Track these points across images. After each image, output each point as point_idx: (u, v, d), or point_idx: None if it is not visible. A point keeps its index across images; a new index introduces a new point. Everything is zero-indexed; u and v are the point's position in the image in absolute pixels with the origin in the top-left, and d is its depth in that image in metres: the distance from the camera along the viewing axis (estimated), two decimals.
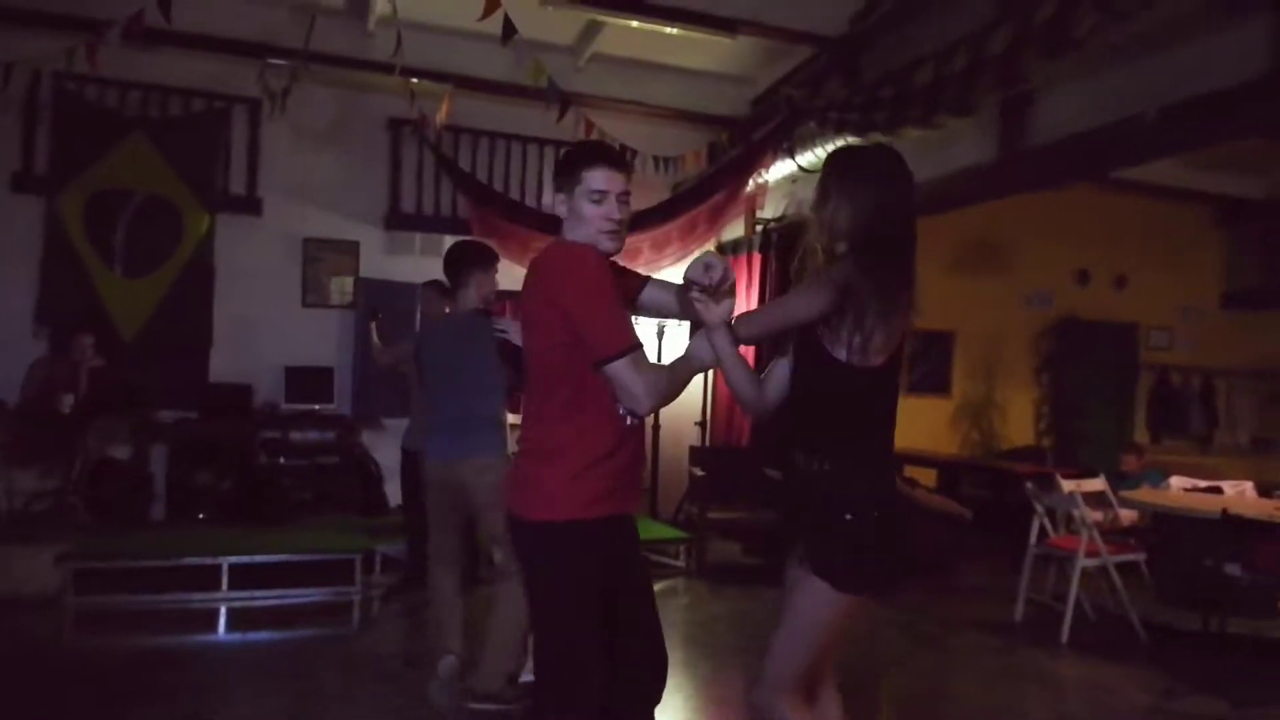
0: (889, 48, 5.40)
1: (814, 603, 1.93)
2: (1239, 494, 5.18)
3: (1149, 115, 3.72)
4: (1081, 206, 7.42)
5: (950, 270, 7.51)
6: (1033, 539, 4.83)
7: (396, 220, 6.76)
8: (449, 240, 6.72)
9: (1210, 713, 3.65)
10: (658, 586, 5.01)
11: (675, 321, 6.19)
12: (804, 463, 1.98)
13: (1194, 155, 5.68)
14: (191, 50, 6.06)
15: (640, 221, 6.04)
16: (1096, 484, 5.06)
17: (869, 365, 1.91)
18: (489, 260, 3.56)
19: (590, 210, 1.99)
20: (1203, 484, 5.41)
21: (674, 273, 6.70)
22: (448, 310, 4.29)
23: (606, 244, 2.01)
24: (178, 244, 6.15)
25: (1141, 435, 8.29)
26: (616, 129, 6.48)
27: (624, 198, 2.02)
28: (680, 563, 5.93)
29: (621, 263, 2.19)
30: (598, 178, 1.98)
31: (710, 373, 6.83)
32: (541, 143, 6.99)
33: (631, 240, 5.98)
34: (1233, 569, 4.13)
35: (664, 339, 6.79)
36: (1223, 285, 8.55)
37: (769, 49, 6.44)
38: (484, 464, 3.30)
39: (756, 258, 6.65)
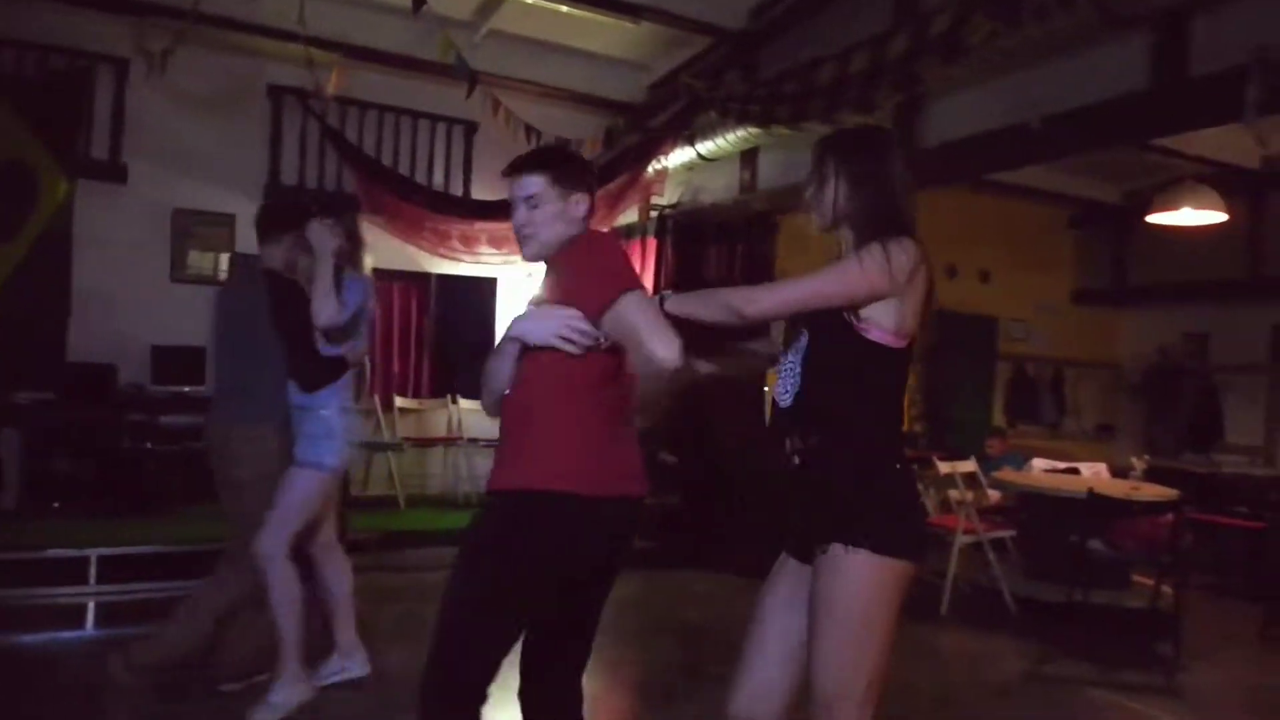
0: (787, 45, 5.53)
1: (858, 585, 1.78)
2: (1095, 475, 5.61)
3: (1033, 123, 3.96)
4: (951, 206, 7.79)
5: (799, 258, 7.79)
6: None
7: (277, 193, 6.43)
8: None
9: (1079, 676, 3.96)
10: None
11: None
12: (819, 444, 1.90)
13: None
14: (52, 3, 5.58)
15: None
16: (968, 466, 5.40)
17: (899, 346, 1.89)
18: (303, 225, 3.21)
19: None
20: (1061, 465, 5.84)
21: None
22: None
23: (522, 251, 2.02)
24: (33, 211, 5.65)
25: (1000, 421, 8.84)
26: (516, 109, 6.41)
27: (529, 201, 1.94)
28: None
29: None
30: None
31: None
32: (434, 118, 6.82)
33: None
34: (1095, 544, 4.48)
35: None
36: (1074, 283, 9.19)
37: (668, 37, 6.47)
38: (255, 433, 3.13)
39: (652, 243, 6.71)
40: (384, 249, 6.03)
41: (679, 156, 5.89)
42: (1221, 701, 3.77)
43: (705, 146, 5.63)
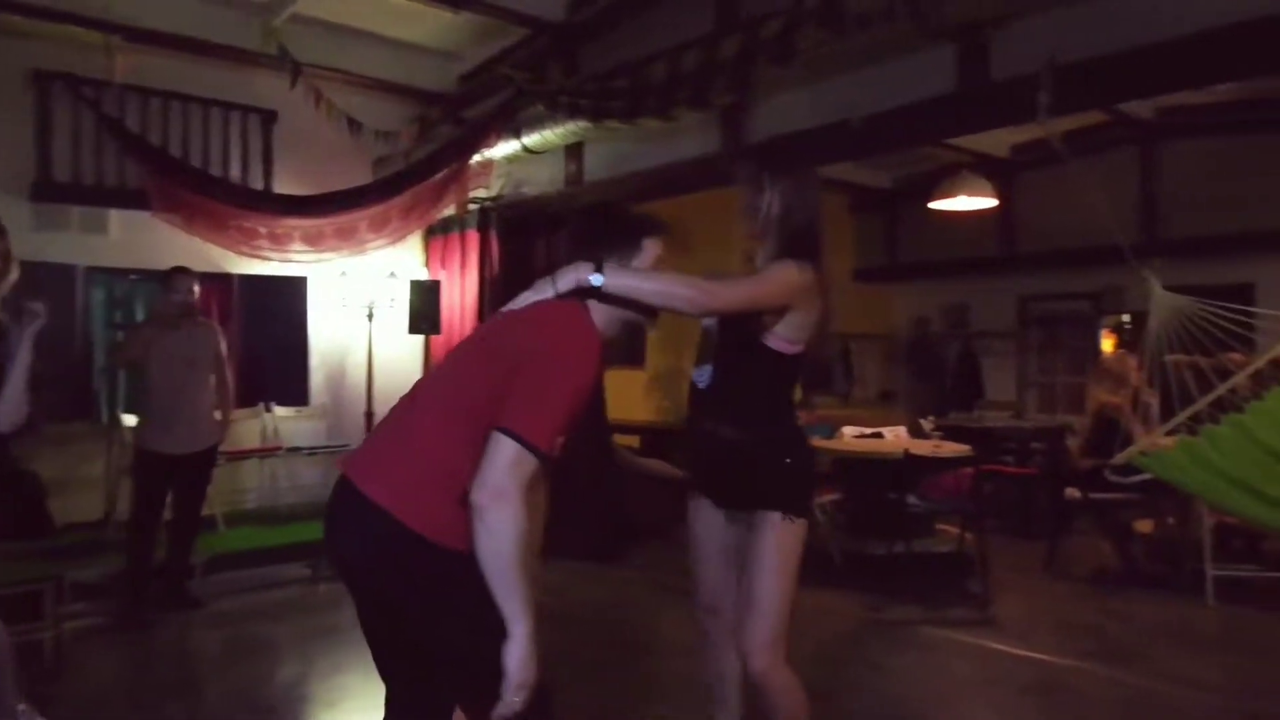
0: (608, 42, 5.64)
1: (780, 540, 2.21)
2: (898, 437, 6.21)
3: (855, 122, 4.33)
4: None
5: None
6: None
7: (48, 191, 5.73)
8: (117, 215, 5.94)
9: (911, 617, 4.43)
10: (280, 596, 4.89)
11: None
12: (739, 434, 2.27)
13: None
14: None
15: (359, 198, 5.77)
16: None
17: (795, 352, 2.24)
18: None
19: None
20: (868, 431, 6.41)
21: (390, 253, 6.48)
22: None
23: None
24: None
25: (797, 393, 9.52)
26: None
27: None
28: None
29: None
30: (655, 246, 1.94)
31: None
32: (228, 106, 6.34)
33: (348, 218, 5.73)
34: (911, 499, 4.99)
35: None
36: (854, 262, 10.03)
37: (480, 26, 6.40)
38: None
39: (473, 236, 6.63)
40: (175, 249, 5.60)
41: (502, 149, 5.85)
42: (1030, 626, 4.35)
43: (531, 139, 5.64)
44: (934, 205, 6.42)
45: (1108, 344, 8.42)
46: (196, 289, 4.58)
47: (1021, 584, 5.05)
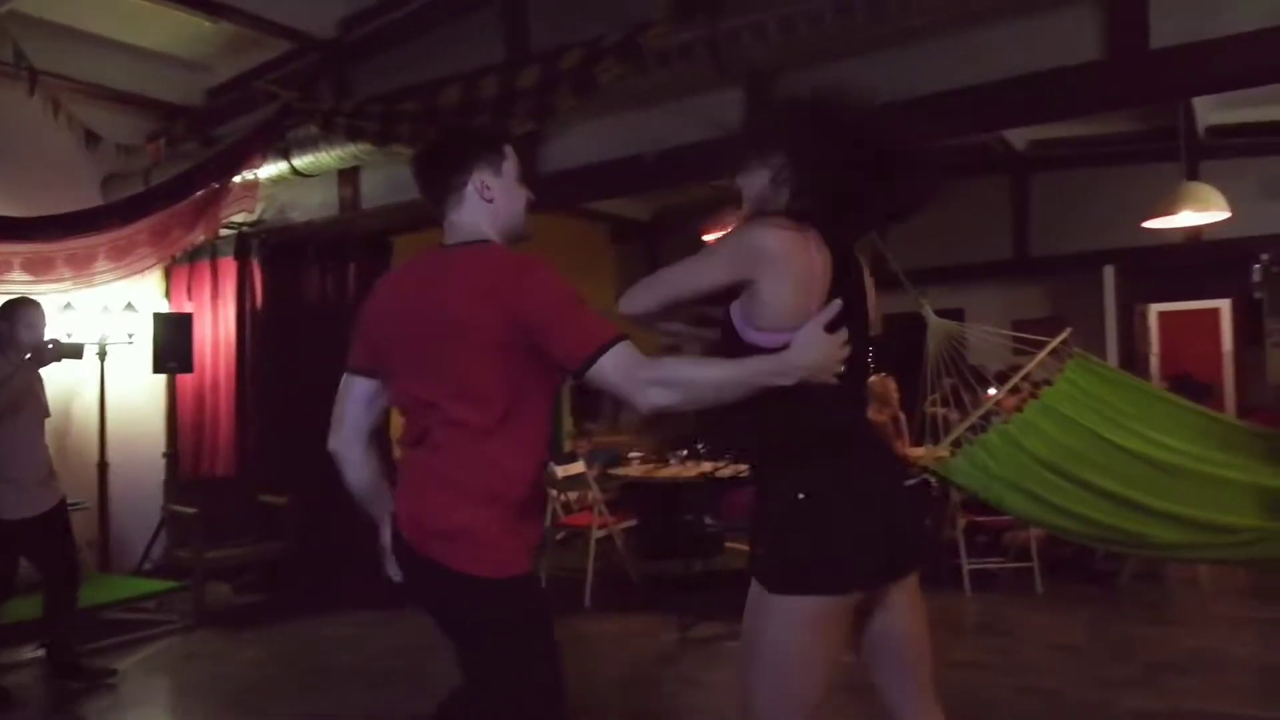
0: (385, 63, 5.41)
1: (761, 620, 1.73)
2: (683, 462, 6.43)
3: (649, 157, 4.46)
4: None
5: None
6: (548, 521, 5.38)
7: None
8: None
9: (720, 633, 4.57)
10: (149, 651, 4.40)
11: None
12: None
13: None
14: None
15: (98, 221, 5.11)
16: (578, 467, 5.85)
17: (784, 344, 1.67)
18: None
19: (520, 192, 1.91)
20: (654, 457, 6.58)
21: (138, 283, 5.77)
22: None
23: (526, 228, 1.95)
24: None
25: (569, 423, 9.60)
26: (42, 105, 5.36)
27: None
28: (171, 618, 5.16)
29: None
30: (512, 153, 1.92)
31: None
32: None
33: (83, 244, 5.06)
34: (709, 520, 5.18)
35: None
36: (618, 291, 10.29)
37: (232, 37, 5.88)
38: None
39: (229, 264, 6.07)
40: None
41: (267, 170, 5.41)
42: None
43: (302, 161, 5.27)
44: (707, 238, 6.74)
45: None
46: None
47: None
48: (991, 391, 3.74)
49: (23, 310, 4.04)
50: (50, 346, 3.95)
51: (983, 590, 5.08)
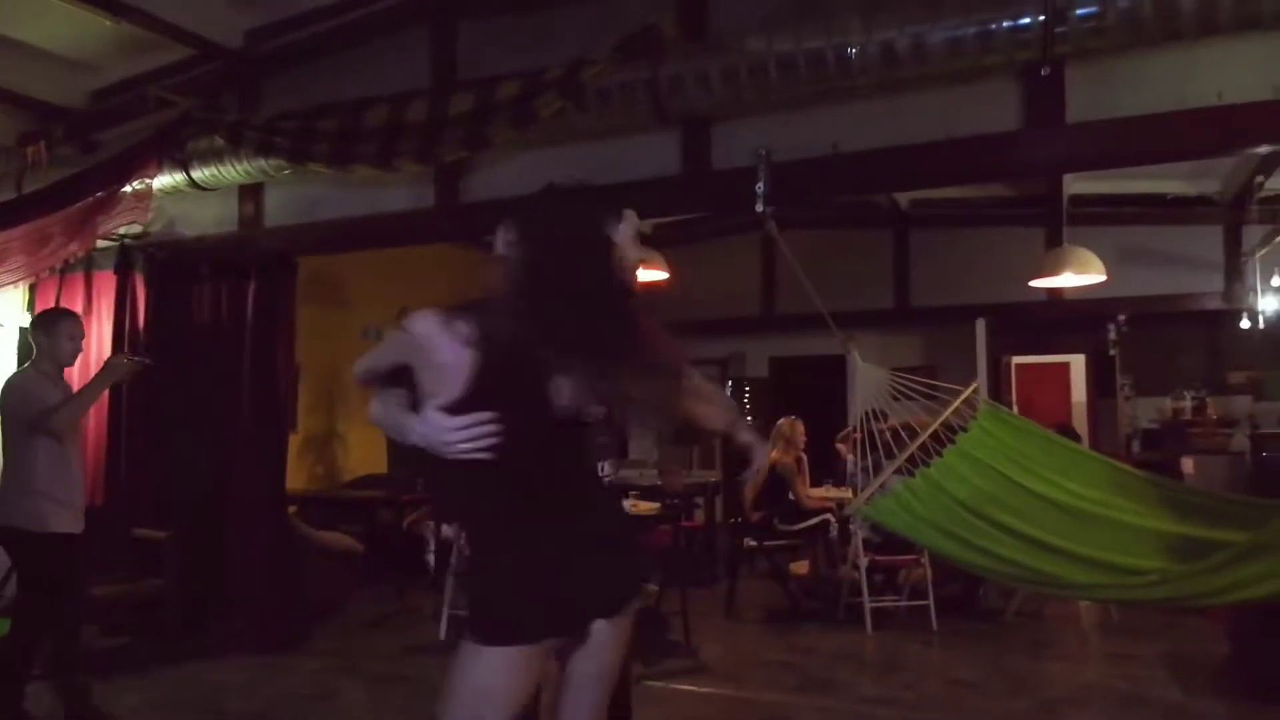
0: (298, 78, 5.21)
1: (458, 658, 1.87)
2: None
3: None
4: (411, 252, 8.09)
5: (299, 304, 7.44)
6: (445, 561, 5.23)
7: None
8: None
9: (635, 673, 4.52)
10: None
11: None
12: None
13: None
14: None
15: None
16: None
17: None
18: None
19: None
20: None
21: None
22: None
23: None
24: None
25: None
26: None
27: None
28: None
29: None
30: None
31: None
32: None
33: None
34: None
35: None
36: None
37: (123, 38, 5.51)
38: None
39: (106, 277, 5.64)
40: None
41: (159, 181, 5.08)
42: (737, 668, 4.68)
43: (203, 173, 4.97)
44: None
45: None
46: None
47: (712, 628, 5.42)
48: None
49: (65, 322, 3.96)
50: (127, 361, 4.09)
51: (882, 628, 5.24)
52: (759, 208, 4.04)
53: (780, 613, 5.76)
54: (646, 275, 6.88)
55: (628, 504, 5.84)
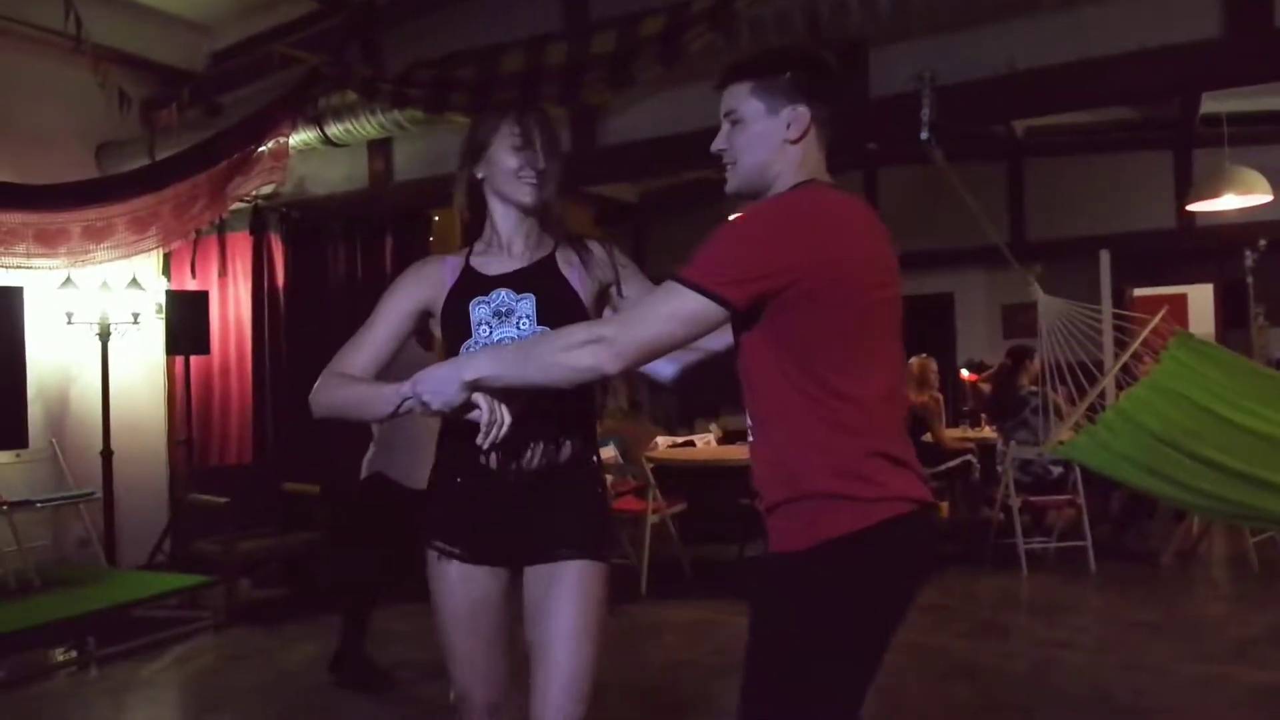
0: (419, 29, 5.12)
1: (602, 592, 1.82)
2: (708, 444, 6.34)
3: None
4: None
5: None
6: None
7: None
8: None
9: None
10: (182, 651, 4.13)
11: None
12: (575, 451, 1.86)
13: None
14: None
15: (117, 190, 4.74)
16: (609, 452, 5.70)
17: None
18: None
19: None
20: (680, 440, 6.46)
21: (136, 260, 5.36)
22: None
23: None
24: None
25: None
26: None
27: (728, 117, 1.61)
28: (200, 614, 4.83)
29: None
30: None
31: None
32: None
33: (100, 214, 4.70)
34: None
35: None
36: None
37: None
38: None
39: (243, 239, 5.73)
40: None
41: (295, 138, 5.08)
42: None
43: (336, 129, 4.96)
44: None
45: None
46: None
47: None
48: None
49: None
50: None
51: (1035, 570, 5.10)
52: (923, 135, 3.85)
53: None
54: None
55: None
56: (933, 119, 3.84)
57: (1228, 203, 5.42)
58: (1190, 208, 5.77)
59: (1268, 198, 5.42)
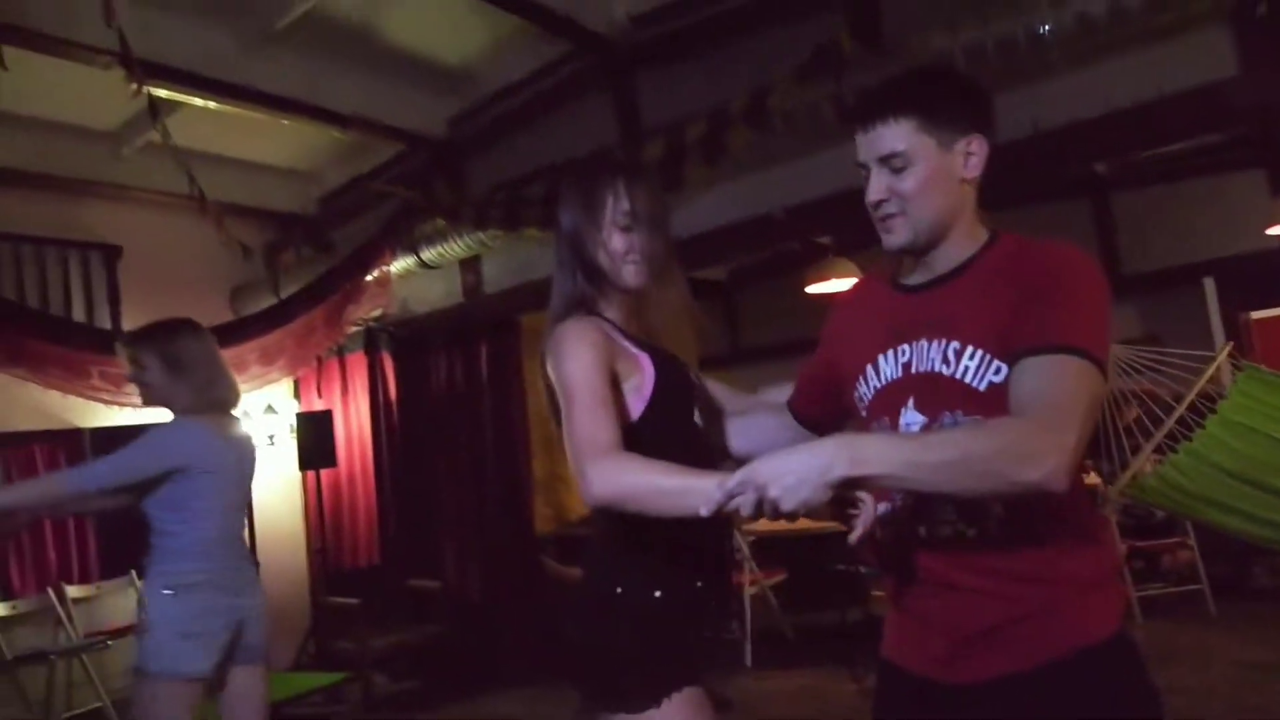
0: (495, 155, 5.66)
1: None
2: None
3: (777, 213, 4.59)
4: None
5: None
6: None
7: None
8: None
9: None
10: None
11: None
12: None
13: None
14: None
15: (247, 329, 5.36)
16: None
17: (638, 413, 1.63)
18: None
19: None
20: None
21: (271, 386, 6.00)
22: None
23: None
24: None
25: None
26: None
27: (889, 162, 1.40)
28: (340, 708, 5.25)
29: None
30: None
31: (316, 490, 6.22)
32: (64, 244, 5.73)
33: (234, 352, 5.31)
34: (863, 568, 5.16)
35: None
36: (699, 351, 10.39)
37: (340, 147, 6.21)
38: None
39: (358, 359, 6.32)
40: (18, 406, 5.10)
41: (395, 265, 5.66)
42: None
43: (430, 253, 5.50)
44: (810, 289, 6.84)
45: None
46: None
47: None
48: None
49: None
50: None
51: (1152, 616, 4.97)
52: None
53: None
54: (843, 284, 6.89)
55: None
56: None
57: None
58: (1270, 231, 5.62)
59: None
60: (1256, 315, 9.88)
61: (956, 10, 3.72)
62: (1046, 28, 3.42)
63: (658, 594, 1.51)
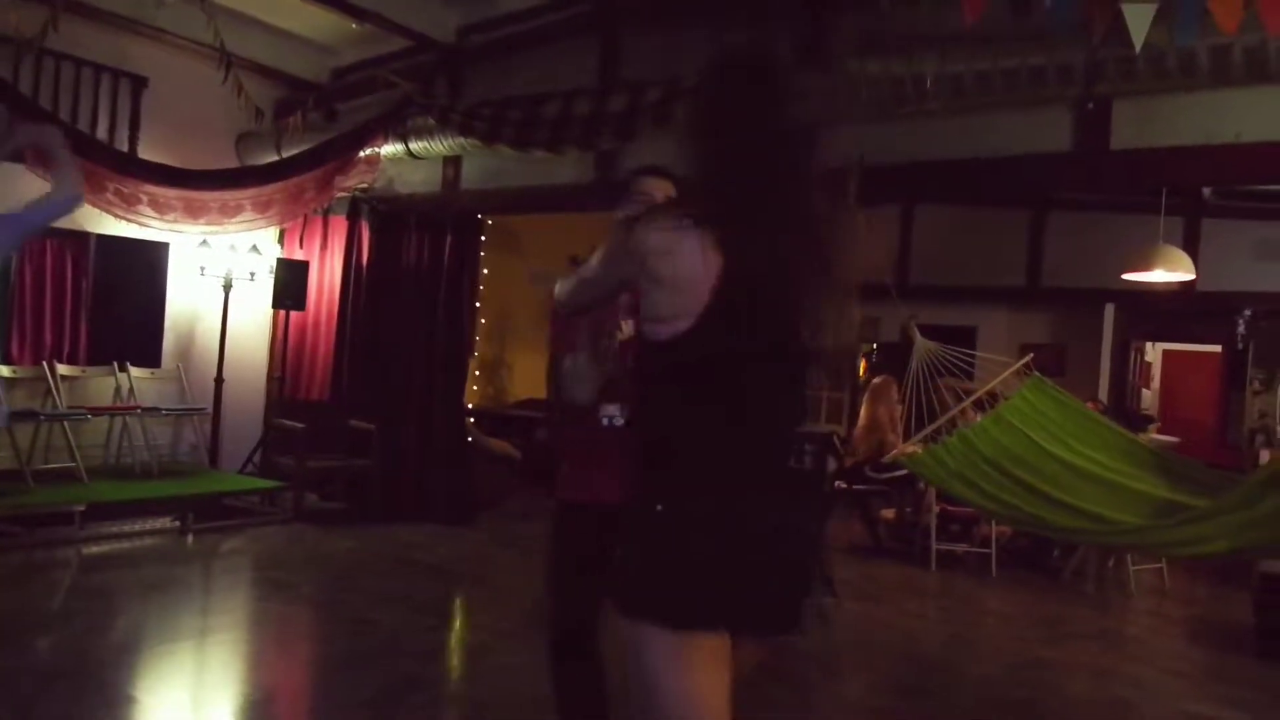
0: (493, 70, 6.35)
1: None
2: None
3: None
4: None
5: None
6: None
7: None
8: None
9: None
10: (257, 533, 5.46)
11: None
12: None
13: None
14: None
15: (246, 179, 6.15)
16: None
17: (672, 335, 1.49)
18: None
19: None
20: None
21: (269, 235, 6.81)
22: None
23: None
24: None
25: None
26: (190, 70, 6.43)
27: None
28: (274, 510, 6.27)
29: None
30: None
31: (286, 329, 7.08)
32: (98, 68, 6.42)
33: (233, 196, 6.11)
34: None
35: None
36: None
37: (360, 29, 6.87)
38: None
39: (340, 222, 7.12)
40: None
41: (385, 149, 6.41)
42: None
43: (417, 145, 6.25)
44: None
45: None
46: None
47: None
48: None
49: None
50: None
51: (946, 569, 6.02)
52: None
53: (864, 549, 6.59)
54: None
55: None
56: (858, 190, 4.83)
57: (1158, 276, 6.14)
58: (1124, 276, 6.47)
59: (1189, 276, 6.12)
60: (1166, 346, 10.85)
61: (869, 47, 4.48)
62: (929, 80, 4.20)
63: (659, 508, 1.48)
